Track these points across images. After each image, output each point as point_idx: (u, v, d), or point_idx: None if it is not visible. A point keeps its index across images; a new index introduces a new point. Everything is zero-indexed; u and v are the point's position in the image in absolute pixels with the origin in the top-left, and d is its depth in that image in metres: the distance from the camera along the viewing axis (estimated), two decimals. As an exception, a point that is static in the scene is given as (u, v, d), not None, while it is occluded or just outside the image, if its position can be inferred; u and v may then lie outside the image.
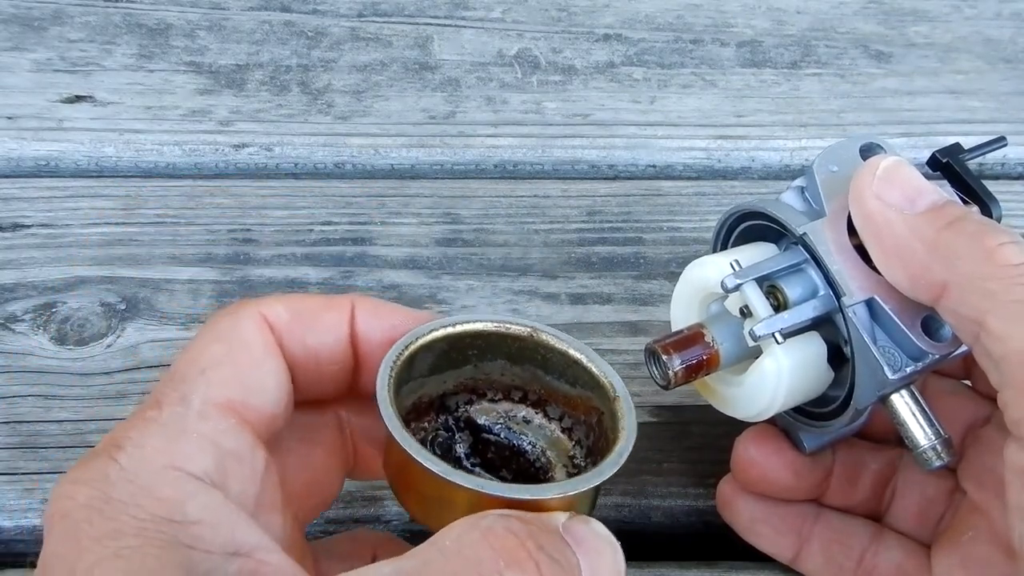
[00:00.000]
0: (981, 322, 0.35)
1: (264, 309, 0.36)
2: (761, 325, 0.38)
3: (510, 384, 0.41)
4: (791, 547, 0.44)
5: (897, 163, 0.38)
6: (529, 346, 0.40)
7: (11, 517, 0.47)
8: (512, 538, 0.31)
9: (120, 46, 0.66)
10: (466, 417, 0.41)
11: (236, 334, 0.35)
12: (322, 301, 0.37)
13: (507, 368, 0.41)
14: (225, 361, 0.34)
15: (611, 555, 0.34)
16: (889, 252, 0.37)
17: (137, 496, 0.30)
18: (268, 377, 0.35)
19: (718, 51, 0.69)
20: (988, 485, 0.40)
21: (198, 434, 0.32)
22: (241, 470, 0.33)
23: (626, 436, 0.36)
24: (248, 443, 0.34)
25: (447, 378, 0.40)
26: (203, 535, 0.30)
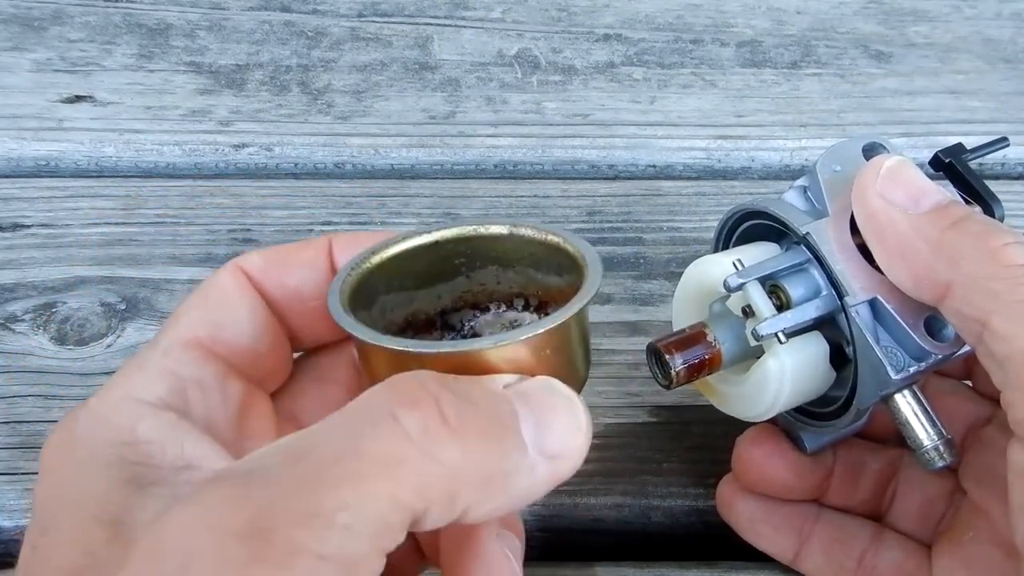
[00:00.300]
0: (985, 322, 0.35)
1: (240, 260, 0.37)
2: (764, 325, 0.38)
3: (508, 292, 0.40)
4: (791, 547, 0.44)
5: (901, 163, 0.38)
6: (514, 245, 0.39)
7: (11, 517, 0.47)
8: (413, 382, 0.30)
9: (120, 46, 0.66)
10: (472, 333, 0.40)
11: (211, 282, 0.36)
12: (298, 243, 0.38)
13: (500, 274, 0.40)
14: (196, 305, 0.36)
15: (566, 409, 0.32)
16: (892, 252, 0.37)
17: (94, 427, 0.32)
18: (240, 313, 0.36)
19: (718, 51, 0.69)
20: (989, 485, 0.40)
21: (157, 367, 0.34)
22: (205, 397, 0.34)
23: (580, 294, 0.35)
24: (215, 372, 0.35)
25: (441, 292, 0.40)
26: (152, 452, 0.32)
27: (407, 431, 0.28)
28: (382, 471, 0.28)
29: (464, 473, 0.29)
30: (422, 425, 0.28)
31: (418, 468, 0.28)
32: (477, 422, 0.30)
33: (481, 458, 0.29)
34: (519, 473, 0.30)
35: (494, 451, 0.30)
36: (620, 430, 0.50)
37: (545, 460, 0.31)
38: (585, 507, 0.48)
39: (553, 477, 0.31)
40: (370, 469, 0.28)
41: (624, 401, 0.51)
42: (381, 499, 0.27)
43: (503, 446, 0.30)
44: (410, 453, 0.28)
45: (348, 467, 0.27)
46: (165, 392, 0.33)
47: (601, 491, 0.48)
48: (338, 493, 0.27)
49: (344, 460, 0.28)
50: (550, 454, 0.31)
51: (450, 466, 0.29)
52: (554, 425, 0.31)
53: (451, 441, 0.29)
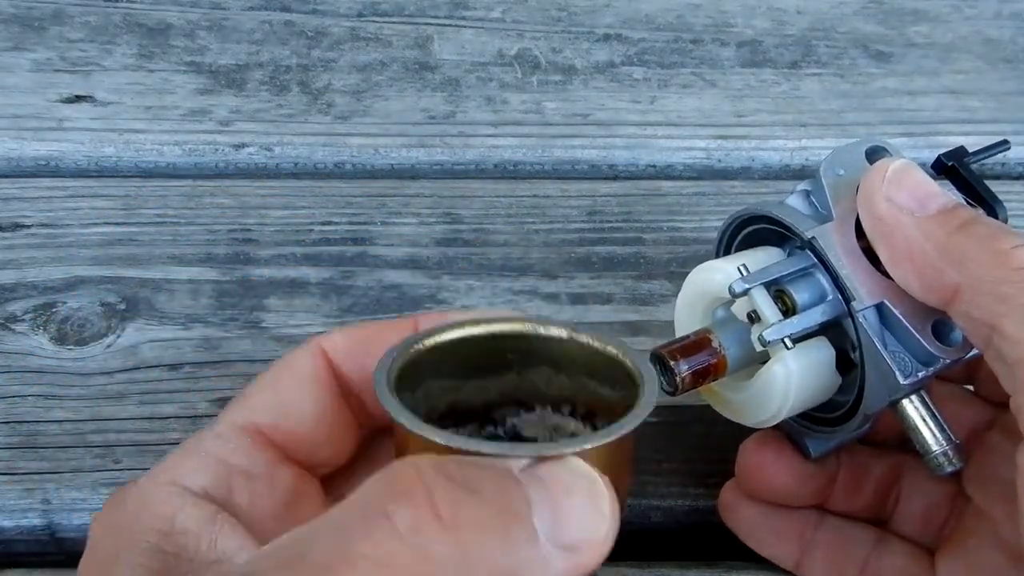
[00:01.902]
0: (994, 325, 0.34)
1: (323, 339, 0.37)
2: (771, 330, 0.38)
3: (557, 396, 0.39)
4: (794, 553, 0.44)
5: (906, 165, 0.38)
6: (570, 350, 0.38)
7: (11, 517, 0.47)
8: (410, 470, 0.28)
9: (120, 46, 0.66)
10: (513, 431, 0.40)
11: (287, 362, 0.36)
12: (384, 325, 0.38)
13: (552, 377, 0.39)
14: (266, 387, 0.36)
15: (586, 492, 0.29)
16: (900, 255, 0.37)
17: (139, 511, 0.33)
18: (307, 401, 0.36)
19: (718, 51, 0.68)
20: (993, 490, 0.40)
21: (206, 453, 0.34)
22: (251, 486, 0.34)
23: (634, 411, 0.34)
24: (266, 461, 0.35)
25: (489, 384, 0.39)
26: (187, 544, 0.32)
27: (397, 528, 0.27)
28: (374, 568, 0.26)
29: (460, 571, 0.27)
30: (413, 521, 0.27)
31: (408, 568, 0.26)
32: (475, 514, 0.28)
33: (481, 553, 0.27)
34: (530, 568, 0.28)
35: (494, 545, 0.28)
36: (620, 430, 0.50)
37: (561, 552, 0.28)
38: (585, 507, 0.48)
39: (574, 570, 0.29)
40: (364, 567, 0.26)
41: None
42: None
43: (507, 539, 0.28)
44: (399, 553, 0.26)
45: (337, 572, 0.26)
46: (209, 482, 0.33)
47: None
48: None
49: (334, 567, 0.26)
50: (567, 545, 0.28)
51: (445, 564, 0.27)
52: (572, 512, 0.29)
53: (442, 537, 0.27)
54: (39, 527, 0.47)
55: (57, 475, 0.48)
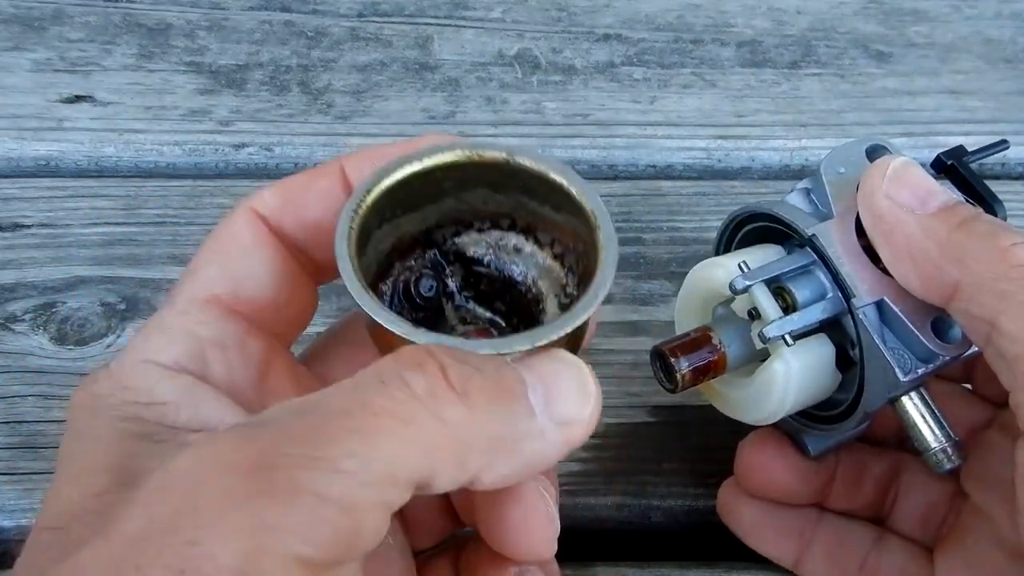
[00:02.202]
0: (993, 323, 0.35)
1: (252, 202, 0.36)
2: (772, 327, 0.38)
3: (496, 211, 0.39)
4: (793, 551, 0.44)
5: (906, 163, 0.38)
6: (507, 171, 0.37)
7: (11, 517, 0.47)
8: (420, 350, 0.30)
9: (120, 46, 0.66)
10: (455, 250, 0.39)
11: (224, 232, 0.36)
12: (309, 173, 0.37)
13: (490, 196, 0.38)
14: (213, 259, 0.35)
15: (573, 374, 0.32)
16: (900, 252, 0.37)
17: (114, 389, 0.33)
18: (259, 265, 0.35)
19: (718, 51, 0.68)
20: (991, 488, 0.40)
21: (174, 328, 0.34)
22: (226, 357, 0.34)
23: (601, 274, 0.34)
24: (234, 331, 0.35)
25: (427, 213, 0.38)
26: (167, 413, 0.32)
27: (414, 391, 0.28)
28: (390, 427, 0.28)
29: (471, 436, 0.29)
30: (428, 387, 0.29)
31: (425, 428, 0.28)
32: (483, 387, 0.30)
33: (488, 422, 0.30)
34: (529, 438, 0.31)
35: (501, 416, 0.30)
36: (620, 430, 0.50)
37: (555, 426, 0.31)
38: (585, 507, 0.48)
39: (565, 443, 0.31)
40: (378, 423, 0.28)
41: (624, 401, 0.51)
42: (388, 452, 0.28)
43: (510, 411, 0.30)
44: (418, 412, 0.28)
45: (356, 420, 0.28)
46: (182, 354, 0.33)
47: (601, 491, 0.48)
48: (345, 442, 0.27)
49: (352, 414, 0.28)
50: (560, 420, 0.31)
51: (456, 428, 0.29)
52: (562, 392, 0.31)
53: (457, 403, 0.29)
54: (39, 527, 0.47)
55: (57, 475, 0.48)
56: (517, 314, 0.40)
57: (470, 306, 0.39)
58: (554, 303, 0.39)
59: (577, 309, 0.33)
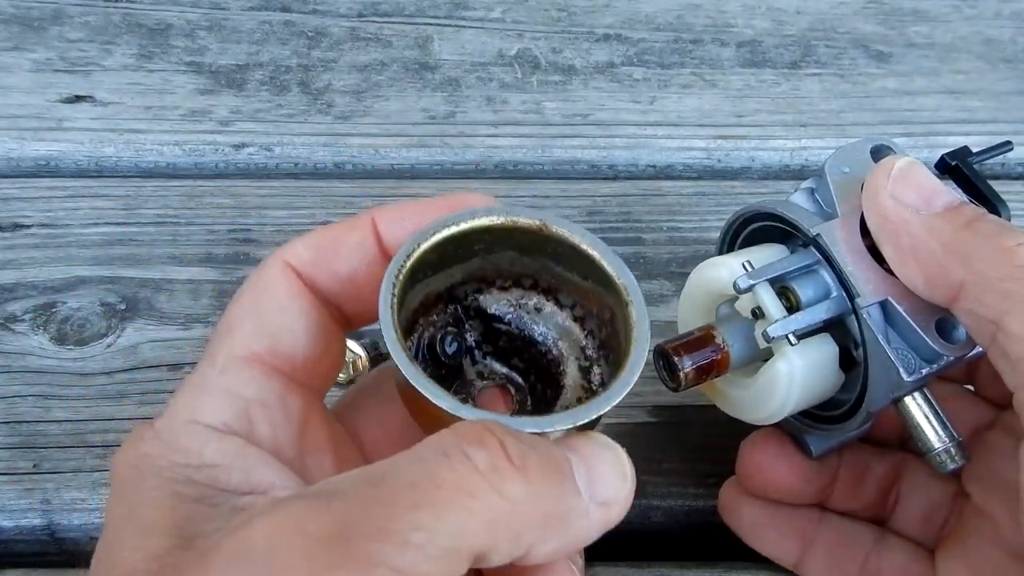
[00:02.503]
0: (998, 323, 0.34)
1: (286, 254, 0.36)
2: (775, 326, 0.38)
3: (520, 272, 0.39)
4: (794, 551, 0.44)
5: (911, 163, 0.38)
6: (539, 238, 0.38)
7: (11, 517, 0.47)
8: (479, 425, 0.31)
9: (120, 46, 0.66)
10: (475, 305, 0.40)
11: (259, 285, 0.36)
12: (342, 226, 0.37)
13: (516, 259, 0.39)
14: (249, 315, 0.35)
15: (612, 457, 0.33)
16: (905, 252, 0.37)
17: (163, 450, 0.33)
18: (295, 321, 0.36)
19: (718, 51, 0.68)
20: (993, 489, 0.40)
21: (218, 388, 0.34)
22: (270, 416, 0.34)
23: (636, 352, 0.35)
24: (276, 389, 0.35)
25: (454, 272, 0.39)
26: (218, 476, 0.32)
27: (476, 466, 0.29)
28: (456, 500, 0.29)
29: (528, 511, 0.30)
30: (491, 462, 0.30)
31: (488, 502, 0.29)
32: (539, 464, 0.31)
33: (543, 497, 0.31)
34: (576, 516, 0.32)
35: (554, 492, 0.31)
36: (620, 430, 0.50)
37: (597, 506, 0.32)
38: (585, 507, 0.48)
39: (605, 523, 0.32)
40: (445, 497, 0.29)
41: (624, 401, 0.50)
42: (453, 526, 0.29)
43: (562, 488, 0.31)
44: (480, 487, 0.29)
45: (424, 493, 0.29)
46: (230, 416, 0.34)
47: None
48: (414, 515, 0.28)
49: (420, 487, 0.29)
50: (600, 500, 0.32)
51: (516, 503, 0.30)
52: (603, 474, 0.32)
53: (517, 479, 0.30)
54: (39, 527, 0.47)
55: (57, 475, 0.48)
56: (536, 372, 0.40)
57: (488, 362, 0.40)
58: (574, 365, 0.40)
59: (616, 387, 0.34)
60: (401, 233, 0.36)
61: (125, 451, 0.33)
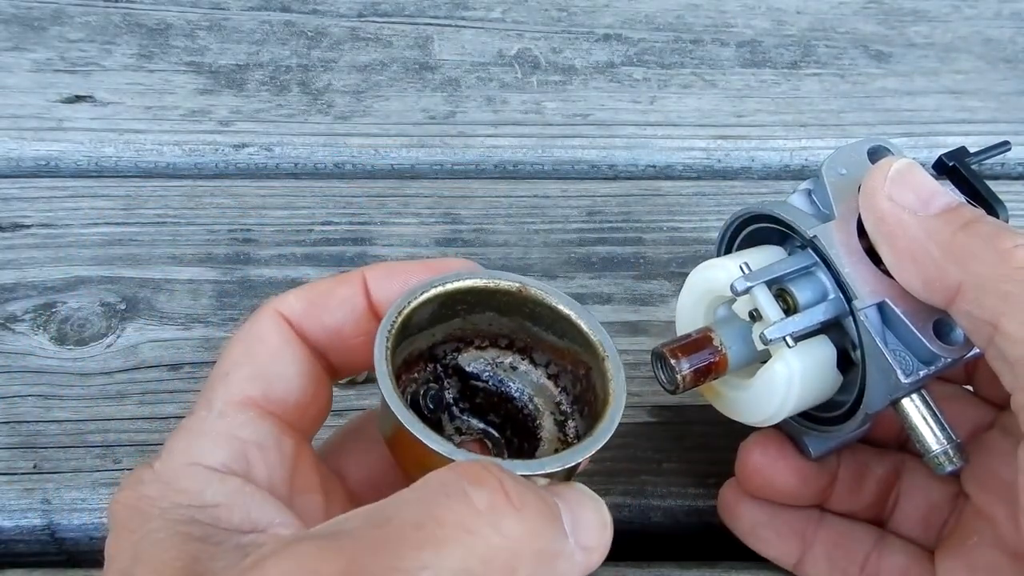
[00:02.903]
0: (996, 324, 0.34)
1: (278, 304, 0.38)
2: (773, 328, 0.38)
3: (497, 332, 0.41)
4: (794, 552, 0.44)
5: (909, 165, 0.38)
6: (517, 300, 0.40)
7: (11, 517, 0.47)
8: (478, 464, 0.32)
9: (120, 46, 0.66)
10: (454, 364, 0.42)
11: (253, 333, 0.37)
12: (333, 280, 0.39)
13: (495, 319, 0.41)
14: (244, 361, 0.37)
15: (594, 507, 0.34)
16: (902, 254, 0.37)
17: (164, 491, 0.33)
18: (287, 367, 0.37)
19: (718, 51, 0.68)
20: (993, 490, 0.40)
21: (216, 431, 0.35)
22: (266, 457, 0.35)
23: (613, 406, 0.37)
24: (271, 432, 0.36)
25: (436, 331, 0.41)
26: (220, 515, 0.33)
27: (476, 505, 0.30)
28: (457, 538, 0.30)
29: (523, 549, 0.31)
30: (490, 501, 0.31)
31: (487, 540, 0.30)
32: (535, 503, 0.32)
33: (538, 537, 0.31)
34: (563, 558, 0.32)
35: (548, 533, 0.32)
36: (620, 430, 0.49)
37: (581, 551, 0.33)
38: (585, 507, 0.48)
39: (586, 567, 0.33)
40: (447, 535, 0.30)
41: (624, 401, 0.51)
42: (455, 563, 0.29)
43: (554, 530, 0.32)
44: (479, 524, 0.30)
45: (428, 532, 0.30)
46: (228, 457, 0.34)
47: (601, 491, 0.48)
48: (420, 554, 0.29)
49: (424, 526, 0.30)
50: (584, 545, 0.33)
51: (512, 540, 0.31)
52: (586, 521, 0.34)
53: (515, 517, 0.31)
54: (39, 527, 0.47)
55: (57, 475, 0.48)
56: (512, 427, 0.42)
57: (465, 417, 0.42)
58: (550, 419, 0.41)
59: (598, 433, 0.36)
60: (390, 290, 0.38)
61: (124, 493, 0.34)
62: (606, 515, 0.35)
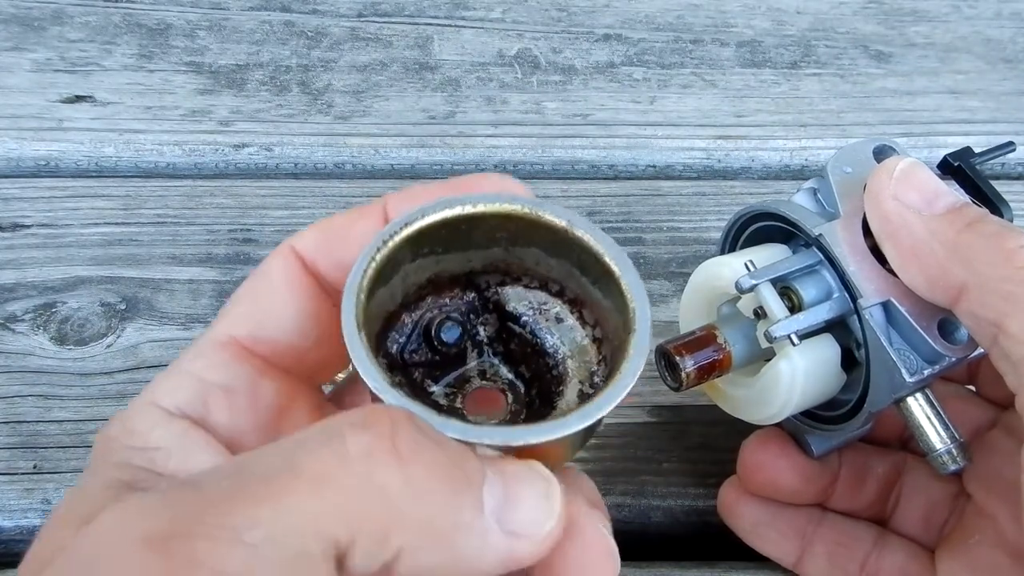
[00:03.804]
0: (1000, 324, 0.34)
1: (295, 240, 0.35)
2: (778, 326, 0.38)
3: (546, 275, 0.36)
4: (794, 551, 0.44)
5: (914, 164, 0.38)
6: (564, 240, 0.34)
7: (11, 517, 0.47)
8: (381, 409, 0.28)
9: (120, 46, 0.66)
10: (495, 299, 0.37)
11: (262, 270, 0.35)
12: (353, 213, 0.36)
13: (542, 258, 0.36)
14: (243, 299, 0.35)
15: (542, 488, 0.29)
16: (907, 253, 0.37)
17: (120, 432, 0.33)
18: (283, 306, 0.35)
19: (718, 51, 0.68)
20: (995, 489, 0.40)
21: (183, 371, 0.34)
22: (232, 401, 0.34)
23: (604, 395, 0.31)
24: (246, 375, 0.34)
25: (472, 257, 0.36)
26: (156, 459, 0.32)
27: (348, 451, 0.26)
28: (306, 489, 0.26)
29: (403, 508, 0.27)
30: (366, 447, 0.27)
31: (347, 490, 0.26)
32: (432, 459, 0.27)
33: (427, 497, 0.27)
34: (467, 533, 0.28)
35: (443, 497, 0.27)
36: (620, 430, 0.50)
37: (503, 533, 0.28)
38: (586, 507, 0.48)
39: (509, 555, 0.28)
40: (298, 486, 0.26)
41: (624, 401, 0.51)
42: (298, 521, 0.25)
43: (455, 494, 0.28)
44: (343, 473, 0.26)
45: (275, 484, 0.26)
46: (184, 400, 0.33)
47: (601, 491, 0.48)
48: (255, 510, 0.25)
49: (275, 478, 0.26)
50: (510, 529, 0.28)
51: (386, 494, 0.26)
52: (522, 500, 0.29)
53: (393, 467, 0.27)
54: (39, 527, 0.47)
55: (57, 475, 0.48)
56: (538, 386, 0.37)
57: (497, 361, 0.37)
58: (574, 390, 0.36)
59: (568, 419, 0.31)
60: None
61: (98, 434, 0.33)
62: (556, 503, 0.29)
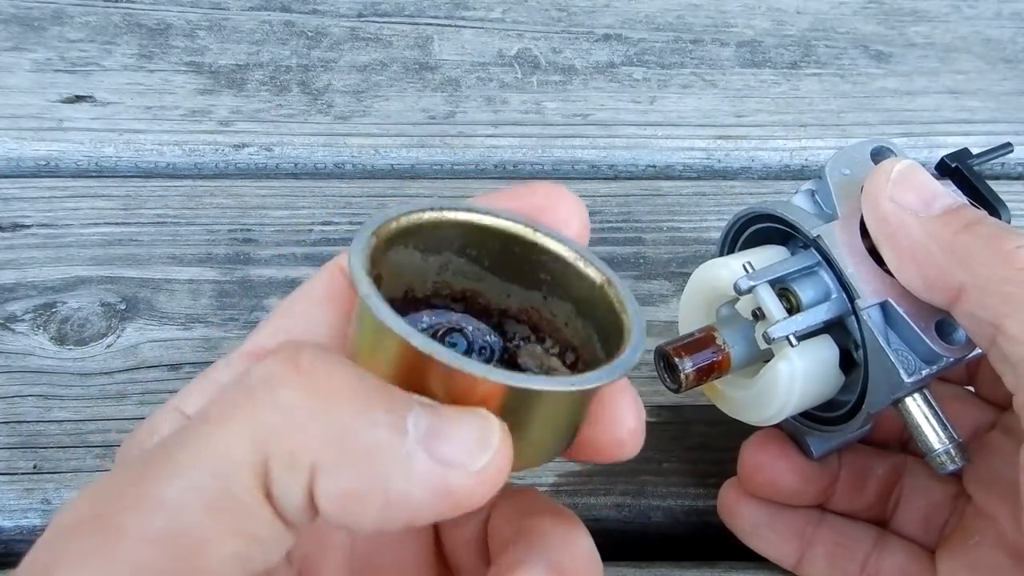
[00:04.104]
0: (998, 325, 0.35)
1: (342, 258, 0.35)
2: (776, 327, 0.38)
3: (569, 341, 0.36)
4: (794, 552, 0.44)
5: (911, 166, 0.38)
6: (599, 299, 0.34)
7: (11, 517, 0.47)
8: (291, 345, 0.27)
9: (120, 46, 0.66)
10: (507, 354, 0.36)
11: (306, 287, 0.35)
12: None
13: (572, 318, 0.35)
14: (282, 312, 0.35)
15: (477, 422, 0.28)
16: (904, 255, 0.37)
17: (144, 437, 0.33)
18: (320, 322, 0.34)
19: (718, 51, 0.68)
20: (995, 490, 0.40)
21: (211, 380, 0.34)
22: None
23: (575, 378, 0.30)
24: None
25: (511, 291, 0.36)
26: None
27: (251, 382, 0.26)
28: (215, 430, 0.25)
29: (305, 424, 0.26)
30: (268, 372, 0.26)
31: (253, 416, 0.25)
32: (339, 375, 0.26)
33: (330, 408, 0.26)
34: (389, 455, 0.26)
35: (349, 408, 0.26)
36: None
37: (430, 460, 0.27)
38: (585, 507, 0.48)
39: (440, 483, 0.27)
40: (205, 430, 0.25)
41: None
42: (212, 460, 0.25)
43: (368, 410, 0.26)
44: (246, 401, 0.26)
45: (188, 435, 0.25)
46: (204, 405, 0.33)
47: (601, 491, 0.48)
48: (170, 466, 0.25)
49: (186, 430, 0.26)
50: (440, 458, 0.27)
51: (289, 411, 0.25)
52: (453, 429, 0.27)
53: (293, 383, 0.26)
54: (39, 527, 0.47)
55: (57, 475, 0.48)
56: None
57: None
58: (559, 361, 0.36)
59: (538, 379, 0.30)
60: None
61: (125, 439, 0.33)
62: (492, 436, 0.27)
